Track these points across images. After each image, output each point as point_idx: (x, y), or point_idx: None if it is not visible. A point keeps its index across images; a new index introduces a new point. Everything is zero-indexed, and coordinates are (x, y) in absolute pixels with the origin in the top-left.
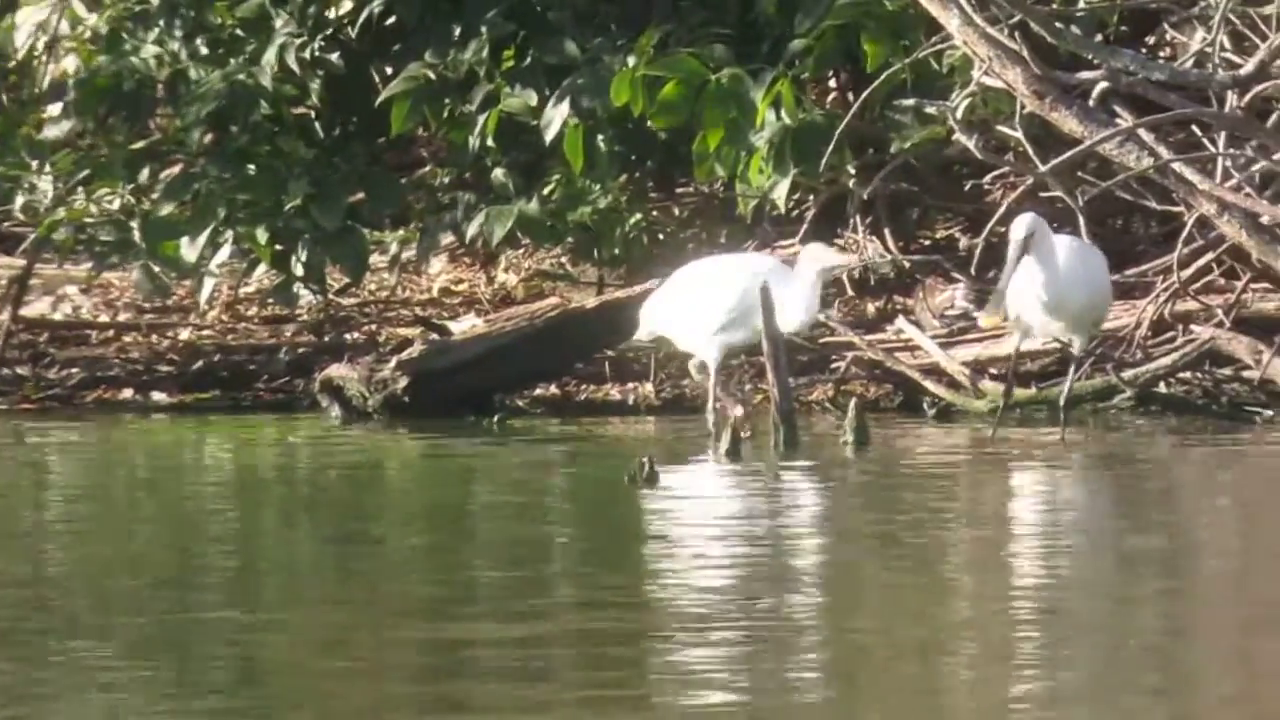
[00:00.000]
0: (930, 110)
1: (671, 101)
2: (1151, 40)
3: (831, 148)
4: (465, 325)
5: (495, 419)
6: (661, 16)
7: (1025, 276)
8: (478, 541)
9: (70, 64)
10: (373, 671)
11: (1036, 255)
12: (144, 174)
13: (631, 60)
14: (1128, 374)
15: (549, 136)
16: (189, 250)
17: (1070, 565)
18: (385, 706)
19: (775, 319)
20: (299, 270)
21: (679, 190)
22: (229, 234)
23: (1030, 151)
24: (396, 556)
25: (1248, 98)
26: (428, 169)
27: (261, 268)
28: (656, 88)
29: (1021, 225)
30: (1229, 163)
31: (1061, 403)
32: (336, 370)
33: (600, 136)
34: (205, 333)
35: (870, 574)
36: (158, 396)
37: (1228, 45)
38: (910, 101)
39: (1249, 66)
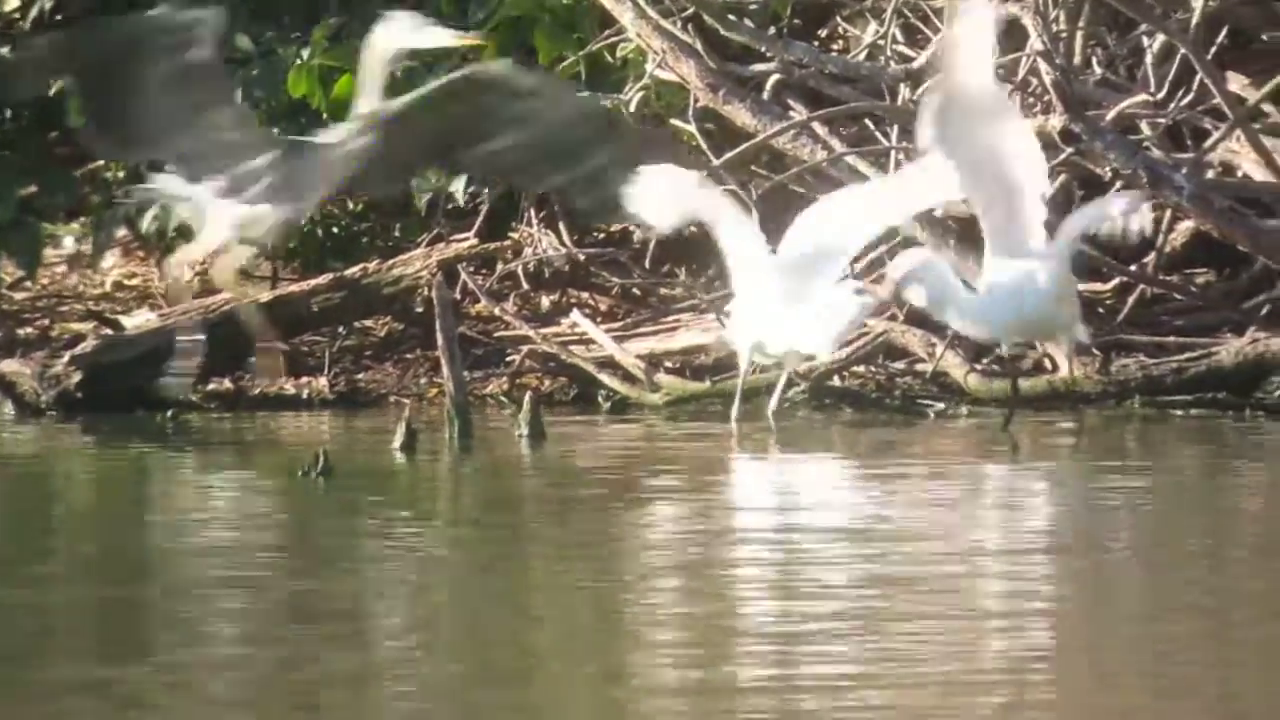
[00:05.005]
0: (604, 103)
1: (346, 94)
2: (824, 33)
3: None
4: (139, 320)
5: (168, 415)
6: (335, 8)
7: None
8: (148, 547)
9: None
10: None
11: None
12: None
13: (306, 53)
14: (801, 367)
15: None
16: None
17: (699, 550)
18: None
19: (449, 316)
20: None
21: None
22: None
23: (703, 145)
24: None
25: (920, 90)
26: (102, 162)
27: None
28: (333, 80)
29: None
30: (901, 155)
31: (771, 410)
32: (8, 366)
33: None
34: None
35: (508, 563)
36: None
37: (900, 38)
38: (585, 94)
39: (921, 59)
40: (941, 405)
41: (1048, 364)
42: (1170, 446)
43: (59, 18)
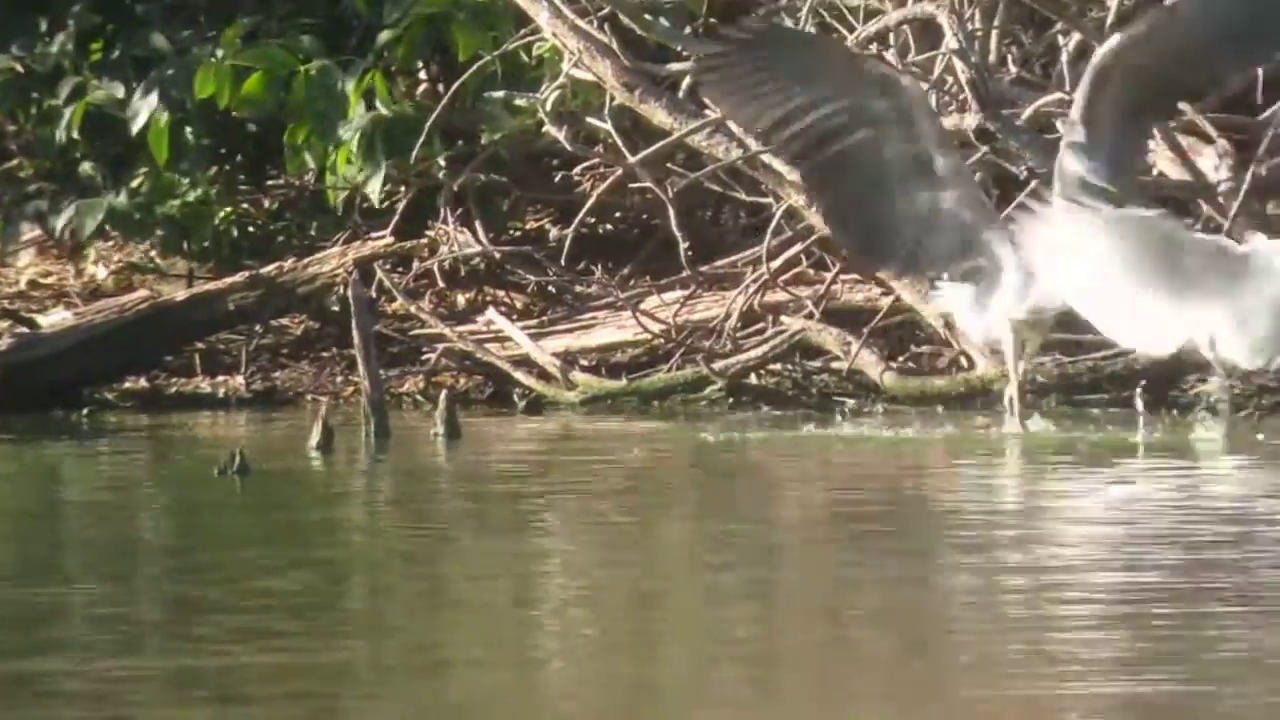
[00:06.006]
0: (520, 102)
1: (254, 94)
2: None
3: (422, 139)
4: (54, 318)
5: (84, 413)
6: (249, 8)
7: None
8: (69, 544)
9: None
10: None
11: None
12: None
13: (220, 52)
14: (718, 365)
15: (135, 129)
16: None
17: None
18: None
19: (365, 314)
20: None
21: (270, 183)
22: None
23: (619, 143)
24: None
25: None
26: (15, 161)
27: None
28: (246, 80)
29: None
30: None
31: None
32: None
33: (189, 129)
34: None
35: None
36: None
37: None
38: (500, 93)
39: None
40: (853, 402)
41: (964, 362)
42: None
43: None
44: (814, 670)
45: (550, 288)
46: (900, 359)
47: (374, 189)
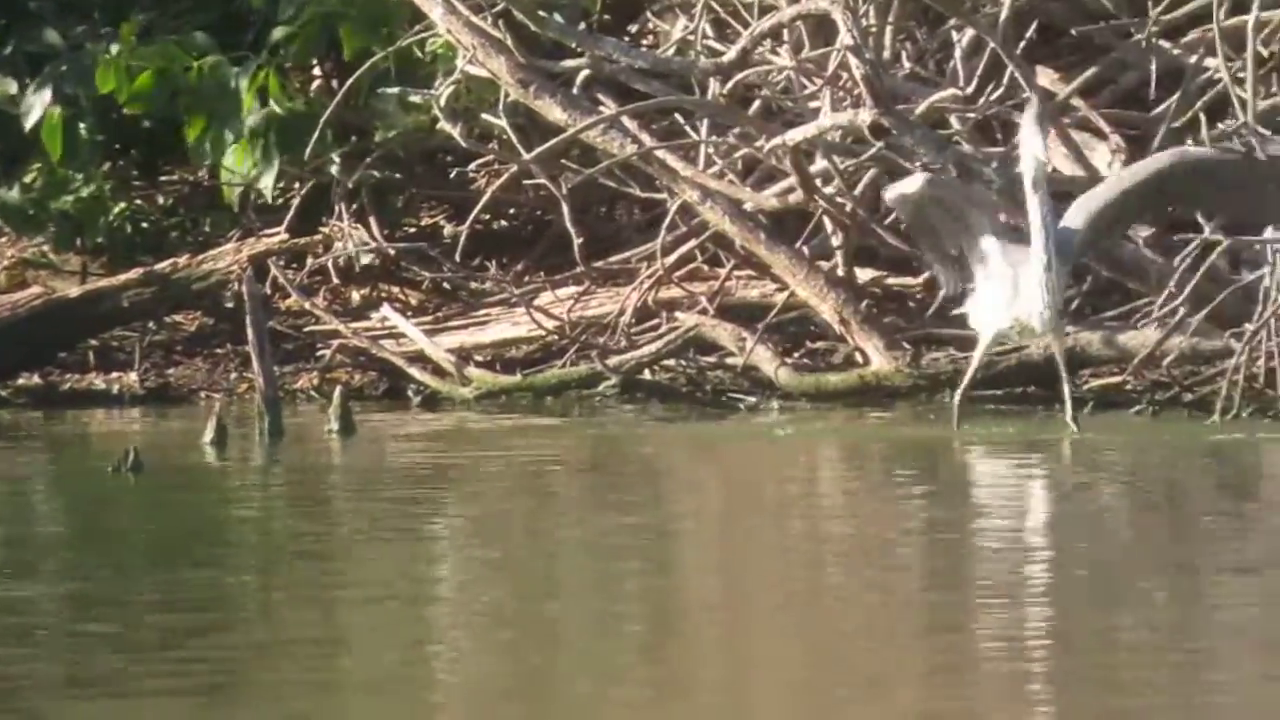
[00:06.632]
0: (415, 99)
1: (147, 90)
2: (634, 28)
3: (316, 136)
4: None
5: None
6: (144, 4)
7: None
8: None
9: None
10: None
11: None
12: None
13: (115, 48)
14: (613, 361)
15: (29, 124)
16: None
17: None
18: None
19: (260, 311)
20: None
21: (163, 179)
22: None
23: (514, 139)
24: None
25: (730, 85)
26: None
27: None
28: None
29: None
30: (711, 150)
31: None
32: None
33: (82, 125)
34: None
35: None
36: None
37: (710, 33)
38: (395, 90)
39: (731, 54)
40: (753, 399)
41: (859, 358)
42: None
43: None
44: (700, 653)
45: (445, 284)
46: (795, 355)
47: (267, 185)
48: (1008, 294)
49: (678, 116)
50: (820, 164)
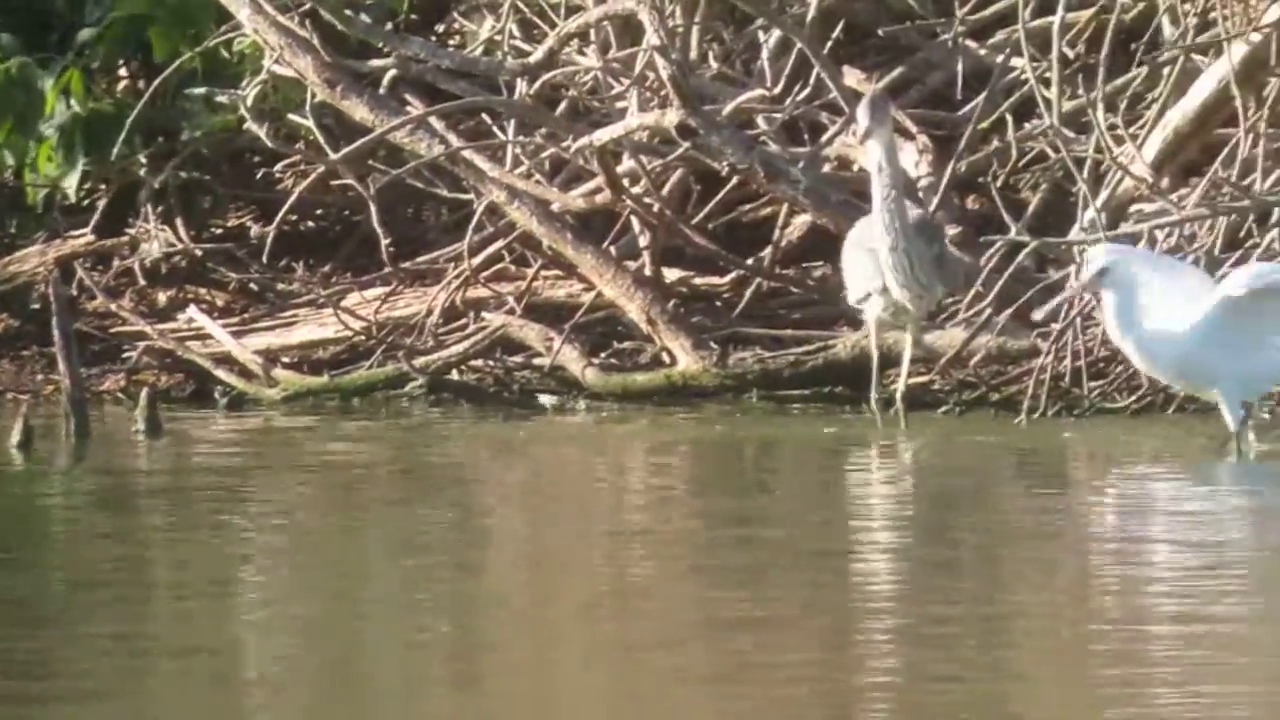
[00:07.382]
0: (221, 99)
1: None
2: (442, 28)
3: (123, 136)
4: None
5: None
6: None
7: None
8: None
9: None
10: None
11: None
12: None
13: None
14: (420, 361)
15: None
16: None
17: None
18: None
19: (65, 313)
20: None
21: None
22: None
23: (321, 140)
24: None
25: (536, 85)
26: None
27: None
28: None
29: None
30: (519, 150)
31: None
32: None
33: None
34: None
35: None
36: None
37: (517, 33)
38: (201, 90)
39: (538, 54)
40: (558, 399)
41: (665, 358)
42: None
43: None
44: (500, 647)
45: (252, 285)
46: (602, 355)
47: (72, 185)
48: (869, 274)
49: (485, 117)
50: (628, 164)
